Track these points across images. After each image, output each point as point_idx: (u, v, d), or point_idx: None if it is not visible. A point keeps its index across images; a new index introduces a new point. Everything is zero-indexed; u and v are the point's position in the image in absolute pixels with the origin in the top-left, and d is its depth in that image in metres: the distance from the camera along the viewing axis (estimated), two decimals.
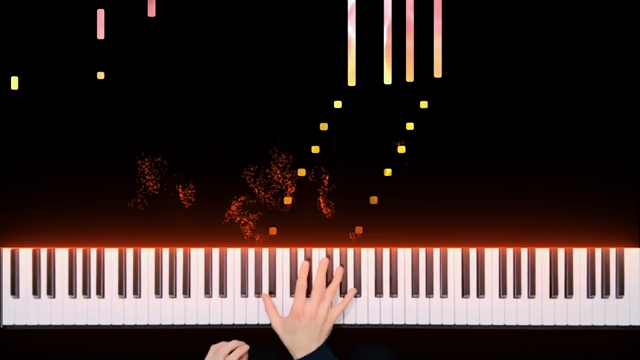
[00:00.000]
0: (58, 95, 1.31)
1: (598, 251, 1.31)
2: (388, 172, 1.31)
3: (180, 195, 1.32)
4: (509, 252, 1.32)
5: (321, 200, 1.32)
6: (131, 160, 1.32)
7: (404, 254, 1.32)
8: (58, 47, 1.29)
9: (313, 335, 1.21)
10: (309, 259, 1.32)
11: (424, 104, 1.30)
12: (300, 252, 1.33)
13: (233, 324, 1.33)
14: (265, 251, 1.33)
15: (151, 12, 1.31)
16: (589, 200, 1.31)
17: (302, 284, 1.27)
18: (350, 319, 1.32)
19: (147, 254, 1.33)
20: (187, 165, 1.32)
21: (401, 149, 1.31)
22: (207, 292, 1.32)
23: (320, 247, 1.32)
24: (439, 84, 1.30)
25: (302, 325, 1.21)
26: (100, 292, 1.33)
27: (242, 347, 1.25)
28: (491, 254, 1.32)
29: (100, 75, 1.30)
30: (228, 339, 1.32)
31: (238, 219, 1.32)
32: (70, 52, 1.30)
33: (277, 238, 1.32)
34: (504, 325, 1.31)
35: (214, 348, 1.24)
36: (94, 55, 1.30)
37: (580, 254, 1.31)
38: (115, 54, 1.30)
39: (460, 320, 1.32)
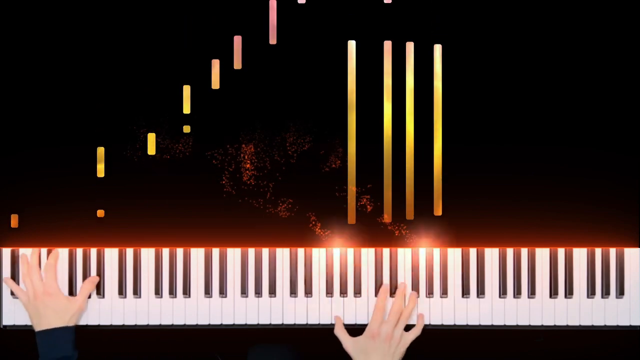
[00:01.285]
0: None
1: (598, 251, 1.31)
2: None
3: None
4: (509, 252, 1.32)
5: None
6: (131, 160, 1.32)
7: (404, 254, 1.32)
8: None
9: (386, 357, 1.22)
10: (309, 259, 1.32)
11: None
12: (300, 252, 1.33)
13: (233, 324, 1.33)
14: (265, 251, 1.33)
15: (151, 150, 1.32)
16: (589, 200, 1.31)
17: (382, 305, 1.27)
18: (349, 319, 1.31)
19: (147, 254, 1.33)
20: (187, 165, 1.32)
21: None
22: (207, 292, 1.32)
23: (320, 247, 1.32)
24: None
25: (376, 347, 1.22)
26: (100, 292, 1.33)
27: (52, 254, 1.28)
28: (491, 254, 1.32)
29: (101, 214, 1.31)
30: (228, 339, 1.32)
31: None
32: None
33: (276, 239, 1.32)
34: (504, 325, 1.31)
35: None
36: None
37: (580, 254, 1.31)
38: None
39: (460, 320, 1.32)
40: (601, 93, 1.30)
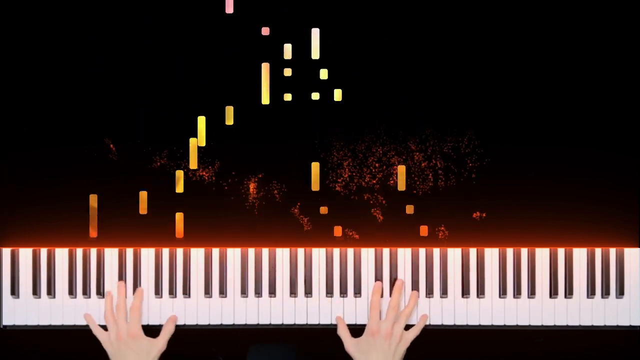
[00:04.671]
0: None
1: (598, 251, 1.31)
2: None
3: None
4: (509, 252, 1.32)
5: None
6: (132, 159, 1.32)
7: (404, 254, 1.32)
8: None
9: (387, 356, 1.21)
10: (308, 259, 1.32)
11: None
12: (300, 252, 1.33)
13: (233, 324, 1.33)
14: (265, 251, 1.33)
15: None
16: (589, 200, 1.31)
17: (377, 302, 1.27)
18: (350, 319, 1.31)
19: (147, 254, 1.33)
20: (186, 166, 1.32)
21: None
22: (207, 292, 1.32)
23: (320, 247, 1.32)
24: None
25: (376, 345, 1.22)
26: (100, 292, 1.33)
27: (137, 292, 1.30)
28: (491, 254, 1.32)
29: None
30: (228, 339, 1.32)
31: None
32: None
33: (276, 238, 1.32)
34: (504, 325, 1.31)
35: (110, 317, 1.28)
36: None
37: (580, 254, 1.31)
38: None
39: (460, 320, 1.32)
40: (601, 93, 1.30)
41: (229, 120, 1.32)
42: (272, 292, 1.32)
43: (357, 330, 1.31)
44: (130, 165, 1.32)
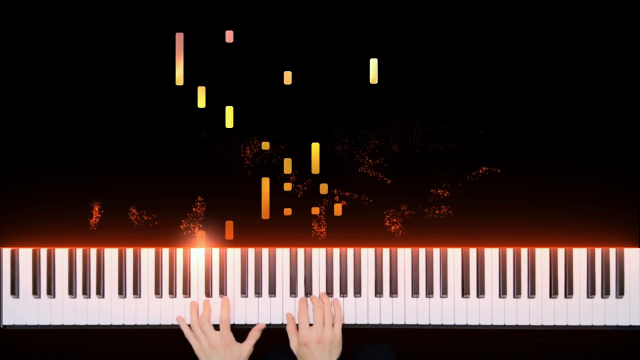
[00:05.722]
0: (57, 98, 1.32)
1: (598, 251, 1.31)
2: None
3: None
4: (509, 252, 1.32)
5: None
6: (132, 160, 1.32)
7: (404, 254, 1.32)
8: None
9: (324, 358, 1.23)
10: (308, 259, 1.32)
11: None
12: (300, 252, 1.33)
13: (233, 324, 1.33)
14: (265, 251, 1.33)
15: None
16: (589, 200, 1.31)
17: (304, 316, 1.28)
18: (350, 319, 1.32)
19: (147, 254, 1.33)
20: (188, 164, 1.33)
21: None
22: (207, 292, 1.32)
23: (320, 247, 1.32)
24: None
25: (312, 351, 1.24)
26: (100, 292, 1.33)
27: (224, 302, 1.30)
28: (491, 254, 1.32)
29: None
30: None
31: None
32: None
33: (276, 238, 1.32)
34: (504, 325, 1.31)
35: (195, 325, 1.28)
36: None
37: (580, 254, 1.31)
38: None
39: (460, 320, 1.32)
40: (601, 93, 1.31)
41: (229, 235, 1.32)
42: (272, 292, 1.33)
43: (354, 330, 1.31)
44: (130, 165, 1.32)
